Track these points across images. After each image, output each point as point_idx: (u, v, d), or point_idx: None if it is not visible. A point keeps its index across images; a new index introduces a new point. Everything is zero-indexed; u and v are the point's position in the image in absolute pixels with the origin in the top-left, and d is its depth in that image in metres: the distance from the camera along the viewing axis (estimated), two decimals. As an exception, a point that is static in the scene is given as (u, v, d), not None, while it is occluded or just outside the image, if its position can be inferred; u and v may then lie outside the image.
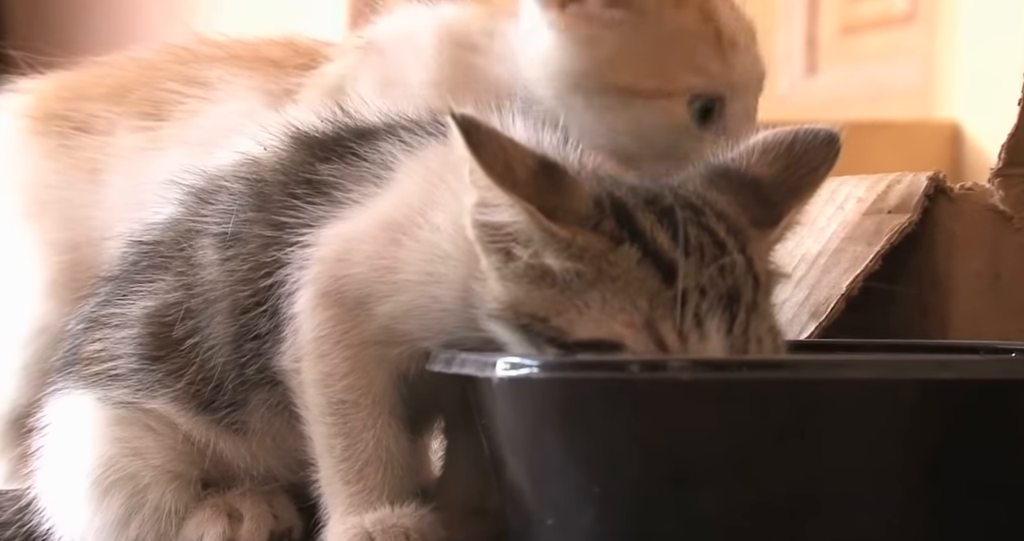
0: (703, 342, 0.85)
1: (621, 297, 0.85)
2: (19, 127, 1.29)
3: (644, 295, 0.85)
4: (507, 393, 0.86)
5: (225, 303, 0.98)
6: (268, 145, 1.02)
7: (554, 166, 0.87)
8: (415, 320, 0.93)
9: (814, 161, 0.92)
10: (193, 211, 1.02)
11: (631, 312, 0.85)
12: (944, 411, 0.84)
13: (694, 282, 0.85)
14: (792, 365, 0.86)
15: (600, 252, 0.86)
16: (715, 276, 0.86)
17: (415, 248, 0.93)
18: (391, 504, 0.93)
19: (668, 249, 0.86)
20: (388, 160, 0.97)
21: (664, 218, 0.87)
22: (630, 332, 0.85)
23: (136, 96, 1.25)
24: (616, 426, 0.83)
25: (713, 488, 0.83)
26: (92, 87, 1.28)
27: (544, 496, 0.87)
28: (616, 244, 0.86)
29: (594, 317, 0.85)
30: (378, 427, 0.94)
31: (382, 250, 0.93)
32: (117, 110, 1.26)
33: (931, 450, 0.84)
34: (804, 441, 0.82)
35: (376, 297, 0.93)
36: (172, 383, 1.00)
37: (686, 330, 0.85)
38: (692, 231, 0.87)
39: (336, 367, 0.94)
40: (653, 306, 0.85)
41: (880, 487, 0.84)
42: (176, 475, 1.01)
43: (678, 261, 0.85)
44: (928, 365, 0.87)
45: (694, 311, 0.85)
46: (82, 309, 1.07)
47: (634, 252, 0.86)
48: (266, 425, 1.00)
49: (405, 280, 0.93)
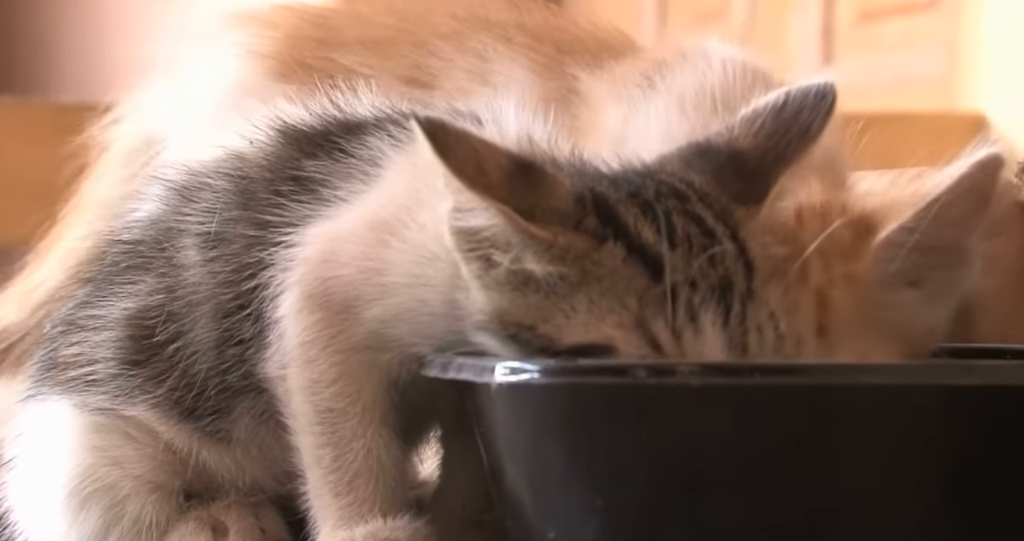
0: (698, 337, 0.85)
1: (609, 298, 0.85)
2: (262, 68, 1.21)
3: (632, 294, 0.85)
4: (506, 399, 0.86)
5: (208, 306, 0.98)
6: (254, 139, 1.01)
7: (530, 165, 0.87)
8: (405, 324, 0.92)
9: (806, 121, 0.91)
10: (175, 209, 1.02)
11: (620, 312, 0.85)
12: (969, 419, 0.84)
13: (683, 276, 0.85)
14: (806, 370, 0.86)
15: (583, 252, 0.85)
16: (705, 267, 0.85)
17: (402, 249, 0.92)
18: (384, 517, 0.93)
19: (654, 243, 0.86)
20: (376, 156, 0.96)
21: (648, 210, 0.87)
22: (621, 333, 0.85)
23: (400, 54, 1.16)
24: (621, 434, 0.83)
25: (724, 500, 0.82)
26: (347, 34, 1.19)
27: (545, 508, 0.87)
28: (599, 243, 0.86)
29: (582, 321, 0.85)
30: (368, 436, 0.94)
31: (369, 251, 0.93)
32: (377, 66, 1.17)
33: (955, 460, 0.84)
34: (820, 450, 0.82)
35: (364, 300, 0.93)
36: (153, 389, 1.00)
37: (679, 326, 0.84)
38: (678, 221, 0.86)
39: (323, 373, 0.94)
40: (643, 304, 0.85)
41: (901, 499, 0.83)
42: (157, 485, 1.01)
43: (664, 255, 0.85)
44: (952, 370, 0.87)
45: (686, 306, 0.85)
46: (59, 312, 1.07)
47: (618, 250, 0.86)
48: (251, 434, 1.00)
49: (393, 282, 0.92)
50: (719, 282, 0.85)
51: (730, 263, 0.86)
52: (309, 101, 1.02)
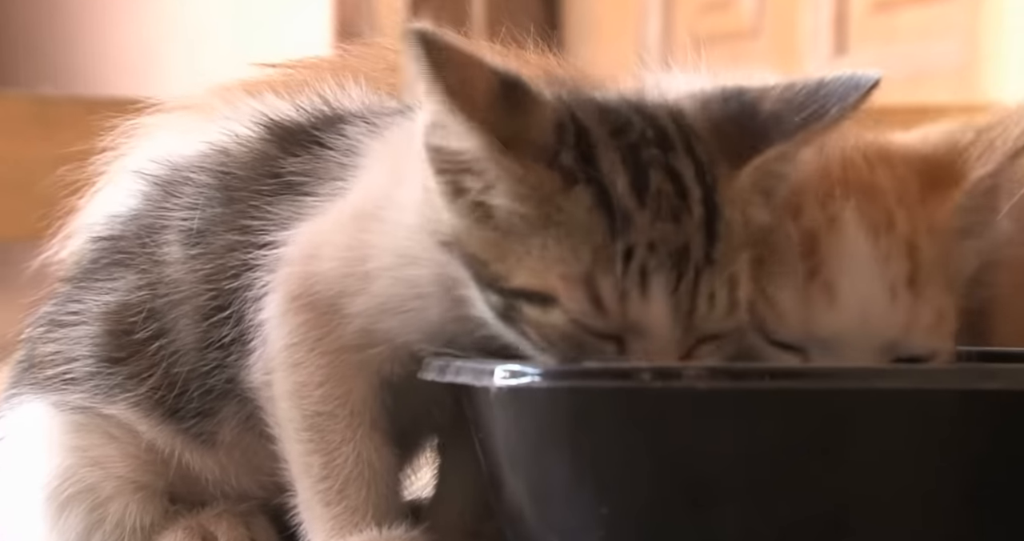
0: (644, 302, 0.84)
1: (562, 246, 0.85)
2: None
3: (587, 246, 0.84)
4: (506, 404, 0.86)
5: (189, 305, 0.98)
6: (239, 135, 1.01)
7: (516, 84, 0.86)
8: (393, 315, 0.92)
9: (825, 105, 0.90)
10: (157, 204, 1.02)
11: (571, 263, 0.84)
12: (988, 425, 0.84)
13: (644, 237, 0.84)
14: (818, 374, 0.86)
15: (550, 193, 0.85)
16: (668, 231, 0.85)
17: (382, 230, 0.92)
18: (378, 525, 0.93)
19: (624, 196, 0.85)
20: (353, 145, 0.96)
21: (629, 157, 0.86)
22: (565, 285, 0.84)
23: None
24: (626, 440, 0.83)
25: (733, 508, 0.82)
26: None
27: (547, 517, 0.87)
28: (569, 185, 0.85)
29: (531, 266, 0.85)
30: (358, 439, 0.94)
31: (351, 240, 0.93)
32: None
33: (974, 467, 0.84)
34: (832, 457, 0.82)
35: (349, 293, 0.93)
36: (134, 387, 1.00)
37: (627, 288, 0.84)
38: (655, 176, 0.85)
39: (311, 376, 0.94)
40: (595, 260, 0.84)
41: (917, 507, 0.83)
42: (141, 486, 1.00)
43: (632, 212, 0.84)
44: (971, 374, 0.87)
45: (639, 268, 0.84)
46: (39, 312, 1.07)
47: (586, 197, 0.85)
48: (236, 438, 1.00)
49: (376, 267, 0.92)
50: (677, 248, 0.84)
51: (693, 230, 0.85)
52: (297, 97, 1.03)
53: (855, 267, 0.91)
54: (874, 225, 0.92)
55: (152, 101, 1.20)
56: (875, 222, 0.92)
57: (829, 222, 0.92)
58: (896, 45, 2.45)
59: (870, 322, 0.90)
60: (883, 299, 0.90)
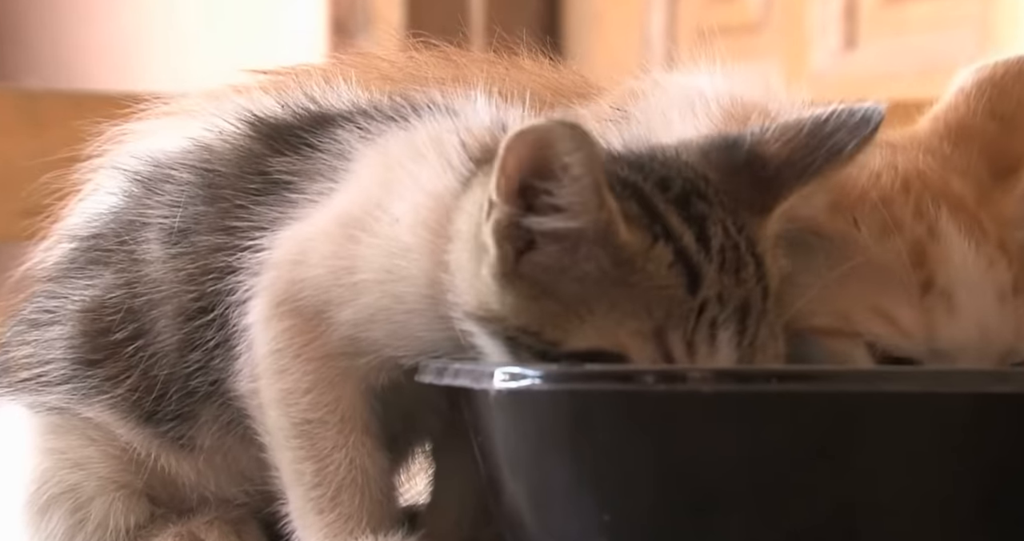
0: (711, 354, 0.85)
1: (634, 303, 0.85)
2: None
3: (663, 303, 0.85)
4: (506, 407, 0.86)
5: (169, 306, 0.98)
6: (223, 131, 1.01)
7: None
8: (380, 326, 0.92)
9: (840, 142, 0.91)
10: (138, 201, 1.02)
11: (643, 320, 0.85)
12: (1002, 429, 0.84)
13: (715, 291, 0.85)
14: (827, 376, 0.86)
15: (635, 252, 0.85)
16: (732, 284, 0.86)
17: (373, 244, 0.92)
18: (373, 533, 0.93)
19: (695, 252, 0.86)
20: (344, 149, 0.97)
21: (682, 210, 0.87)
22: (636, 342, 0.85)
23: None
24: (629, 444, 0.83)
25: (738, 514, 0.83)
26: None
27: (548, 524, 0.87)
28: (653, 242, 0.86)
29: (597, 325, 0.85)
30: (350, 445, 0.94)
31: (339, 249, 0.93)
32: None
33: (987, 473, 0.84)
34: (840, 462, 0.82)
35: (336, 303, 0.93)
36: (110, 389, 1.00)
37: (697, 341, 0.85)
38: (713, 229, 0.87)
39: (297, 383, 0.94)
40: (669, 314, 0.85)
41: (927, 514, 0.83)
42: (122, 485, 1.01)
43: (703, 266, 0.85)
44: (983, 377, 0.87)
45: (709, 322, 0.85)
46: (17, 313, 1.07)
47: (667, 254, 0.86)
48: (217, 442, 1.00)
49: (365, 280, 0.92)
50: (741, 301, 0.86)
51: (752, 283, 0.87)
52: (285, 95, 1.03)
53: (967, 276, 0.92)
54: (971, 232, 0.92)
55: (143, 98, 1.20)
56: (970, 229, 0.92)
57: (930, 233, 0.93)
58: (907, 38, 2.45)
59: (989, 330, 0.91)
60: (995, 306, 0.91)
